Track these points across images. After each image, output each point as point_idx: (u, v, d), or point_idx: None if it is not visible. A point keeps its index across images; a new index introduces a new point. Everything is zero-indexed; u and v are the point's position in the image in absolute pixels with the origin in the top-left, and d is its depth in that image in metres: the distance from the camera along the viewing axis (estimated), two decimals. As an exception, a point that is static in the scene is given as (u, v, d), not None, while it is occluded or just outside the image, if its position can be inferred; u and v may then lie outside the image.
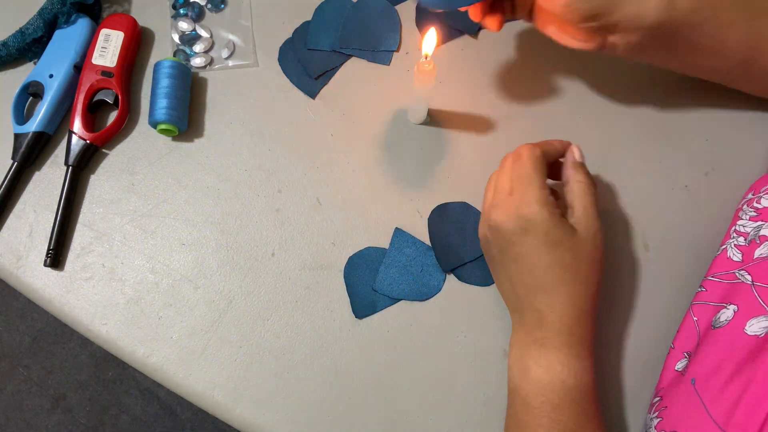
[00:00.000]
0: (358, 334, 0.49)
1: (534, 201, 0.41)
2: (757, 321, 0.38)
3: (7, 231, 0.51)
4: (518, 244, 0.42)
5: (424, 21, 0.56)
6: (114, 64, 0.53)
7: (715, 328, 0.41)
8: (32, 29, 0.53)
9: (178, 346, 0.48)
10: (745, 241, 0.45)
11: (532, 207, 0.41)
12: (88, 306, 0.49)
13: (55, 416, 1.29)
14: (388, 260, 0.50)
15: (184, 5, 0.57)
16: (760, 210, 0.46)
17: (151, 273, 0.50)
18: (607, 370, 0.48)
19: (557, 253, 0.41)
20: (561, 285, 0.41)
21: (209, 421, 1.28)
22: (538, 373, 0.42)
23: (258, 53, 0.56)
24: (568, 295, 0.41)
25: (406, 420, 0.47)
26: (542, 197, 0.41)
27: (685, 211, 0.51)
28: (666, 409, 0.42)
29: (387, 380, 0.48)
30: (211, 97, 0.55)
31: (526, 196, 0.41)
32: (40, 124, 0.52)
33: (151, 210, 0.52)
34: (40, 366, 1.32)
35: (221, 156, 0.53)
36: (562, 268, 0.41)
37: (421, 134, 0.54)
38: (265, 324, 0.49)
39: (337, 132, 0.54)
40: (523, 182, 0.42)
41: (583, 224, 0.42)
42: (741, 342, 0.38)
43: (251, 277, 0.50)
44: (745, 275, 0.42)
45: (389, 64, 0.55)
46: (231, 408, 0.47)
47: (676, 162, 0.53)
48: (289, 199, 0.52)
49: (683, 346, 0.45)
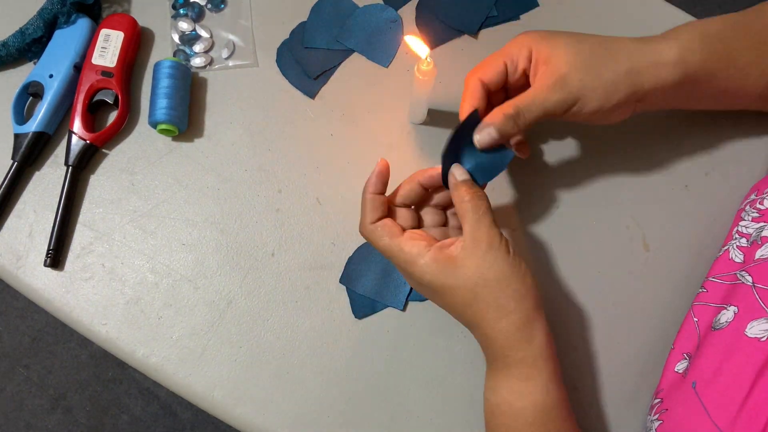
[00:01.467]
0: (358, 334, 0.49)
1: (405, 265, 0.40)
2: (758, 323, 0.38)
3: (7, 231, 0.51)
4: (425, 294, 0.43)
5: (424, 21, 0.56)
6: (114, 64, 0.53)
7: (715, 330, 0.41)
8: (32, 29, 0.53)
9: (178, 346, 0.48)
10: (747, 242, 0.45)
11: (408, 271, 0.40)
12: (88, 306, 0.49)
13: (55, 416, 1.29)
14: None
15: (184, 5, 0.57)
16: (762, 211, 0.46)
17: (151, 273, 0.50)
18: (606, 371, 0.48)
19: (451, 296, 0.40)
20: (474, 318, 0.40)
21: (209, 421, 1.27)
22: (490, 397, 0.42)
23: (258, 53, 0.56)
24: (485, 324, 0.40)
25: (405, 420, 0.47)
26: (404, 258, 0.40)
27: (685, 211, 0.51)
28: (667, 411, 0.42)
29: (387, 380, 0.48)
30: (211, 97, 0.55)
31: (398, 264, 0.41)
32: (40, 124, 0.52)
33: (151, 210, 0.52)
34: (40, 366, 1.32)
35: (221, 156, 0.53)
36: (465, 305, 0.40)
37: (421, 134, 0.54)
38: (265, 324, 0.49)
39: (337, 132, 0.54)
40: (389, 255, 0.41)
41: (469, 249, 0.39)
42: (741, 344, 0.38)
43: (251, 277, 0.50)
44: (746, 276, 0.42)
45: (387, 66, 0.55)
46: (231, 408, 0.47)
47: (676, 162, 0.53)
48: (289, 199, 0.52)
49: (683, 347, 0.45)
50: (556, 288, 0.50)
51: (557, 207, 0.52)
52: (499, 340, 0.40)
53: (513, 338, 0.40)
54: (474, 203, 0.40)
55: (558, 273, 0.50)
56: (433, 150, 0.53)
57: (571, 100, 0.42)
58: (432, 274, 0.39)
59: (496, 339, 0.40)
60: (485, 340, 0.41)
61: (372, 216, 0.42)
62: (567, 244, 0.51)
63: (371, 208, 0.42)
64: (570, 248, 0.50)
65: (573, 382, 0.47)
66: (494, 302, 0.39)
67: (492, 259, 0.39)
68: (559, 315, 0.49)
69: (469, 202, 0.40)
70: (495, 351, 0.40)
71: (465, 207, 0.40)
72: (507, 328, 0.39)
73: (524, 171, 0.52)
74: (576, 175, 0.52)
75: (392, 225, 0.42)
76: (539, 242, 0.51)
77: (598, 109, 0.42)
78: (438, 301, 0.42)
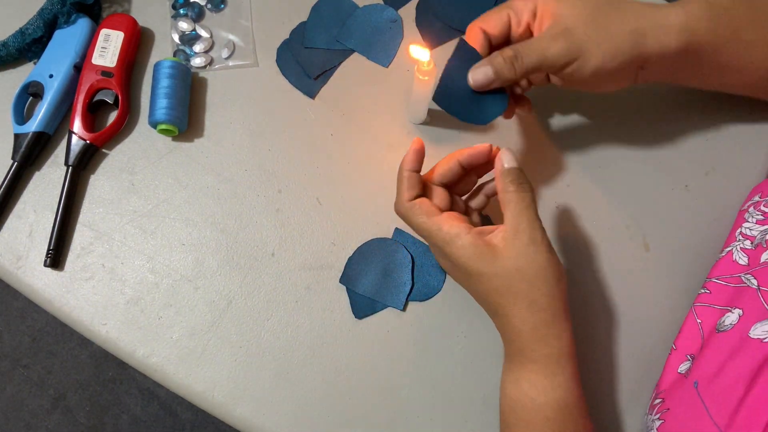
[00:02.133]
0: (358, 334, 0.49)
1: (441, 245, 0.40)
2: (762, 325, 0.38)
3: (7, 231, 0.51)
4: (457, 278, 0.43)
5: (424, 21, 0.56)
6: (114, 64, 0.53)
7: (720, 332, 0.41)
8: (32, 29, 0.53)
9: (178, 346, 0.48)
10: (751, 245, 0.45)
11: (443, 251, 0.40)
12: (88, 306, 0.49)
13: (55, 416, 1.29)
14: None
15: (184, 5, 0.57)
16: (767, 213, 0.45)
17: (151, 273, 0.50)
18: (606, 371, 0.48)
19: (483, 283, 0.40)
20: (504, 307, 0.40)
21: (209, 421, 1.27)
22: (509, 390, 0.41)
23: (258, 53, 0.56)
24: (514, 315, 0.40)
25: (406, 420, 0.47)
26: (443, 238, 0.40)
27: (685, 211, 0.51)
28: (668, 411, 0.42)
29: (387, 380, 0.48)
30: (211, 97, 0.55)
31: (433, 243, 0.41)
32: (40, 124, 0.52)
33: (151, 210, 0.52)
34: (40, 366, 1.32)
35: (221, 156, 0.53)
36: (497, 293, 0.40)
37: (421, 134, 0.54)
38: (265, 324, 0.49)
39: (337, 132, 0.54)
40: (425, 235, 0.41)
41: (510, 240, 0.39)
42: (745, 346, 0.38)
43: (251, 277, 0.50)
44: (751, 279, 0.42)
45: (387, 66, 0.55)
46: (231, 408, 0.47)
47: (676, 162, 0.52)
48: (289, 199, 0.52)
49: (686, 348, 0.45)
50: (556, 288, 0.50)
51: (556, 206, 0.52)
52: (526, 334, 0.40)
53: (541, 334, 0.40)
54: (519, 194, 0.40)
55: (558, 273, 0.50)
56: (433, 150, 0.53)
57: (574, 52, 0.41)
58: (469, 257, 0.39)
59: (524, 332, 0.40)
60: (511, 331, 0.41)
61: (409, 193, 0.42)
62: (567, 244, 0.51)
63: (409, 185, 0.42)
64: (570, 248, 0.50)
65: (573, 382, 0.47)
66: (528, 296, 0.39)
67: (533, 253, 0.39)
68: (559, 315, 0.49)
69: (515, 192, 0.40)
70: (521, 344, 0.40)
71: (509, 197, 0.40)
72: (537, 323, 0.40)
73: (524, 169, 0.52)
74: (576, 175, 0.52)
75: (429, 204, 0.41)
76: (539, 242, 0.51)
77: (600, 68, 0.41)
78: (468, 284, 0.42)
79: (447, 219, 0.40)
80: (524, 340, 0.40)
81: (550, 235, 0.51)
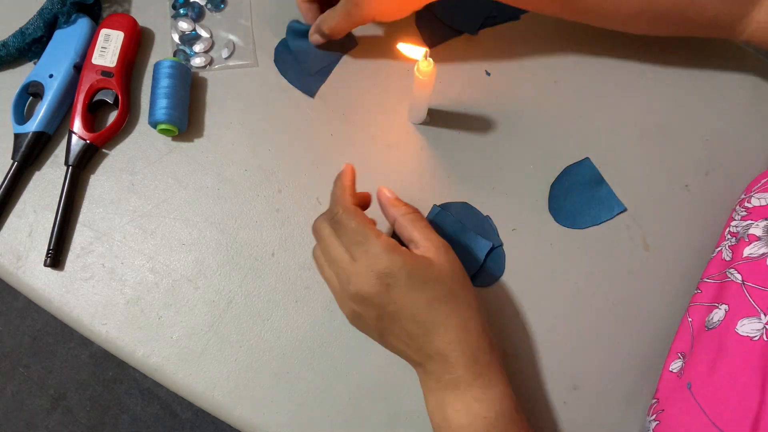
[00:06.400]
0: (359, 333, 0.49)
1: (381, 252, 0.38)
2: (749, 321, 0.38)
3: (7, 231, 0.51)
4: (390, 301, 0.39)
5: (423, 21, 0.56)
6: (114, 64, 0.53)
7: (708, 330, 0.41)
8: (32, 29, 0.53)
9: (178, 346, 0.48)
10: (735, 241, 0.45)
11: (383, 259, 0.38)
12: (88, 306, 0.49)
13: (55, 416, 1.29)
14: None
15: (184, 5, 0.57)
16: (750, 209, 0.46)
17: (151, 273, 0.50)
18: (606, 371, 0.48)
19: (428, 289, 0.39)
20: (449, 317, 0.39)
21: (209, 421, 1.27)
22: (458, 419, 0.40)
23: (258, 53, 0.56)
24: (459, 325, 0.39)
25: (406, 420, 0.47)
26: (386, 245, 0.38)
27: (685, 211, 0.51)
28: (663, 412, 0.42)
29: (387, 380, 0.48)
30: (211, 97, 0.55)
31: (371, 252, 0.38)
32: (40, 124, 0.52)
33: (151, 210, 0.52)
34: (40, 366, 1.32)
35: (221, 156, 0.53)
36: (441, 301, 0.39)
37: (421, 134, 0.54)
38: (265, 324, 0.49)
39: (337, 132, 0.54)
40: (359, 241, 0.39)
41: (432, 250, 0.40)
42: (733, 342, 0.38)
43: (251, 277, 0.50)
44: (734, 273, 0.42)
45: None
46: (231, 408, 0.47)
47: (676, 162, 0.52)
48: (289, 199, 0.52)
49: (677, 347, 0.45)
50: (556, 288, 0.50)
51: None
52: (473, 341, 0.40)
53: (481, 339, 0.40)
54: (415, 215, 0.43)
55: (558, 273, 0.50)
56: (433, 150, 0.53)
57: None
58: (414, 264, 0.39)
59: (470, 340, 0.40)
60: (457, 345, 0.39)
61: (353, 199, 0.42)
62: (567, 244, 0.51)
63: (352, 191, 0.43)
64: (570, 248, 0.50)
65: (573, 382, 0.47)
66: (466, 299, 0.41)
67: (453, 258, 0.41)
68: (558, 315, 0.49)
69: (411, 213, 0.43)
70: (466, 358, 0.39)
71: (408, 218, 0.42)
72: (477, 327, 0.40)
73: (525, 170, 0.52)
74: (576, 175, 0.52)
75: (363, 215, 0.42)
76: (539, 242, 0.51)
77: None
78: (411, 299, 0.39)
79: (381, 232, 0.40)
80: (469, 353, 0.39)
81: (550, 234, 0.51)
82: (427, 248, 0.41)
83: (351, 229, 0.40)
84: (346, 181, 0.43)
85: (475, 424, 0.39)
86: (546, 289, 0.50)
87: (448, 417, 0.40)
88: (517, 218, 0.51)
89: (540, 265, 0.50)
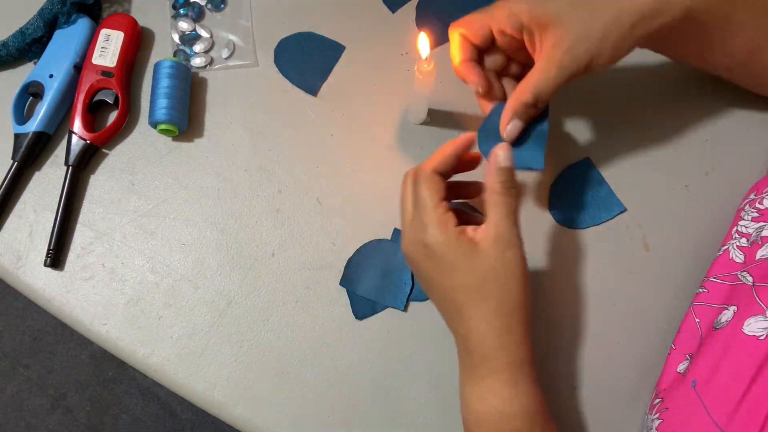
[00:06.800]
0: (358, 334, 0.49)
1: (429, 224, 0.39)
2: (755, 320, 0.38)
3: (7, 231, 0.51)
4: (424, 269, 0.41)
5: (424, 21, 0.56)
6: (114, 64, 0.53)
7: (716, 330, 0.41)
8: (32, 29, 0.53)
9: (178, 346, 0.48)
10: (747, 242, 0.45)
11: (427, 232, 0.39)
12: (88, 306, 0.49)
13: (55, 416, 1.29)
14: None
15: (184, 5, 0.57)
16: (762, 211, 0.46)
17: (151, 273, 0.50)
18: (606, 371, 0.48)
19: (457, 276, 0.39)
20: (471, 308, 0.39)
21: (209, 421, 1.27)
22: (474, 404, 0.40)
23: (258, 53, 0.56)
24: (481, 317, 0.39)
25: (405, 420, 0.47)
26: (435, 219, 0.39)
27: (685, 211, 0.51)
28: (667, 410, 0.42)
29: (387, 380, 0.48)
30: (211, 97, 0.55)
31: (422, 220, 0.40)
32: (40, 124, 0.52)
33: (151, 210, 0.52)
34: (40, 366, 1.32)
35: (221, 156, 0.53)
36: (467, 291, 0.39)
37: (421, 134, 0.54)
38: (265, 324, 0.49)
39: (338, 132, 0.54)
40: (418, 206, 0.40)
41: (490, 240, 0.39)
42: (739, 342, 0.38)
43: (251, 277, 0.50)
44: (746, 277, 0.42)
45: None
46: (231, 408, 0.47)
47: (676, 162, 0.52)
48: (289, 199, 0.52)
49: (685, 348, 0.45)
50: (556, 288, 0.50)
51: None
52: (491, 340, 0.39)
53: (505, 340, 0.40)
54: (505, 198, 0.40)
55: (558, 273, 0.50)
56: (433, 150, 0.53)
57: (582, 68, 0.41)
58: (449, 245, 0.39)
59: (489, 337, 0.39)
60: (475, 337, 0.40)
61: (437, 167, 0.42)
62: (567, 244, 0.51)
63: (441, 162, 0.42)
64: (570, 248, 0.50)
65: (573, 382, 0.47)
66: (497, 298, 0.39)
67: (510, 258, 0.39)
68: (559, 315, 0.49)
69: (501, 195, 0.40)
70: (485, 351, 0.40)
71: (495, 199, 0.40)
72: (502, 328, 0.39)
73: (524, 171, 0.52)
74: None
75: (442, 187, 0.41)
76: (539, 241, 0.51)
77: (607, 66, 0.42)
78: (436, 276, 0.40)
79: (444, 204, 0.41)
80: (489, 347, 0.39)
81: (550, 234, 0.51)
82: (486, 236, 0.39)
83: (418, 191, 0.41)
84: (447, 148, 0.42)
85: (489, 413, 0.40)
86: (546, 289, 0.50)
87: (467, 398, 0.41)
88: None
89: (540, 265, 0.50)
